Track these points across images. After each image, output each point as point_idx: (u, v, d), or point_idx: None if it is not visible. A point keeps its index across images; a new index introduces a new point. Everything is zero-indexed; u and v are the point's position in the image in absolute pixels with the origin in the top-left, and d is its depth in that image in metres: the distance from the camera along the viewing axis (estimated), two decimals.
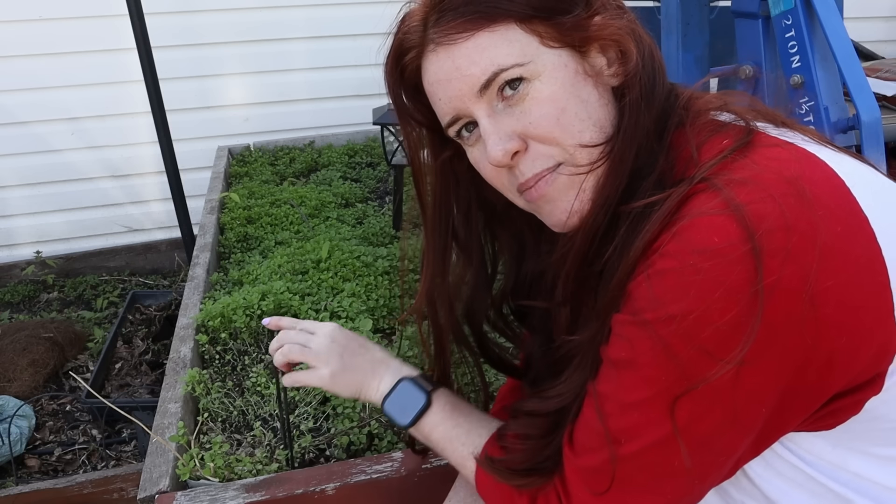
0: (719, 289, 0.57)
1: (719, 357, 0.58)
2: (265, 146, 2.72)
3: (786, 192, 0.58)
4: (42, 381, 2.42)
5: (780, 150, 0.64)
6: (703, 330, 0.58)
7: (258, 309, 1.48)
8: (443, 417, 0.87)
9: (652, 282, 0.61)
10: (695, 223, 0.59)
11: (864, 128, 1.43)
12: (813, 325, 0.57)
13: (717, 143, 0.66)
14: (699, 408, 0.61)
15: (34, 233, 3.17)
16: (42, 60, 2.92)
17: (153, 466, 1.13)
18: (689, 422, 0.62)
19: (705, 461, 0.64)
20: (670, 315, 0.59)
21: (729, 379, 0.59)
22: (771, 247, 0.56)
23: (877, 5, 3.67)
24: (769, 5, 1.51)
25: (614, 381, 0.66)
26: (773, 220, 0.57)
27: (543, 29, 0.67)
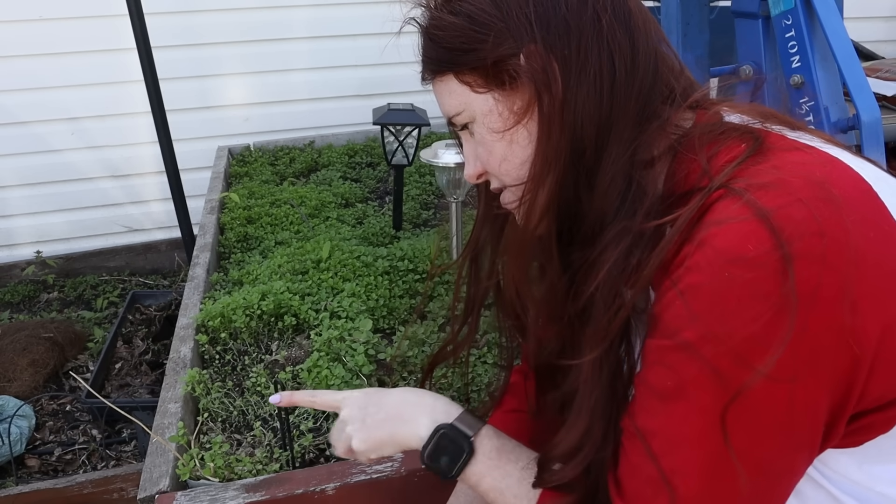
0: (761, 301, 0.54)
1: (771, 374, 0.55)
2: (265, 146, 2.72)
3: (815, 195, 0.56)
4: (42, 381, 2.42)
5: (803, 154, 0.63)
6: (751, 346, 0.55)
7: (258, 309, 1.48)
8: (489, 467, 0.78)
9: (686, 298, 0.58)
10: (721, 231, 0.57)
11: (864, 128, 1.43)
12: (853, 333, 0.55)
13: (731, 148, 0.64)
14: (756, 430, 0.58)
15: (34, 233, 3.17)
16: (42, 60, 2.92)
17: (153, 466, 1.13)
18: (747, 447, 0.59)
19: (765, 486, 0.61)
20: (714, 334, 0.56)
21: (783, 396, 0.57)
22: (806, 252, 0.54)
23: (877, 5, 3.67)
24: (769, 5, 1.51)
25: (661, 416, 0.62)
26: (806, 226, 0.55)
27: (472, 77, 0.71)
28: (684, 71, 0.73)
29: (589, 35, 0.66)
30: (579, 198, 0.70)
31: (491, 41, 0.68)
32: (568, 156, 0.68)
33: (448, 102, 0.74)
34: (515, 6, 0.67)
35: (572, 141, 0.67)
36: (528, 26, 0.67)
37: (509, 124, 0.70)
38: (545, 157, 0.69)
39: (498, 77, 0.69)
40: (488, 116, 0.71)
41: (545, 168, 0.69)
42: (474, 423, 0.79)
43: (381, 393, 0.84)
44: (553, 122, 0.67)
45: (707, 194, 0.61)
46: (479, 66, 0.70)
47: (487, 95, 0.70)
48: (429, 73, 0.75)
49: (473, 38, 0.69)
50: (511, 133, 0.71)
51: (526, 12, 0.67)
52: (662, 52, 0.71)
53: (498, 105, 0.70)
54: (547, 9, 0.67)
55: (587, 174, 0.69)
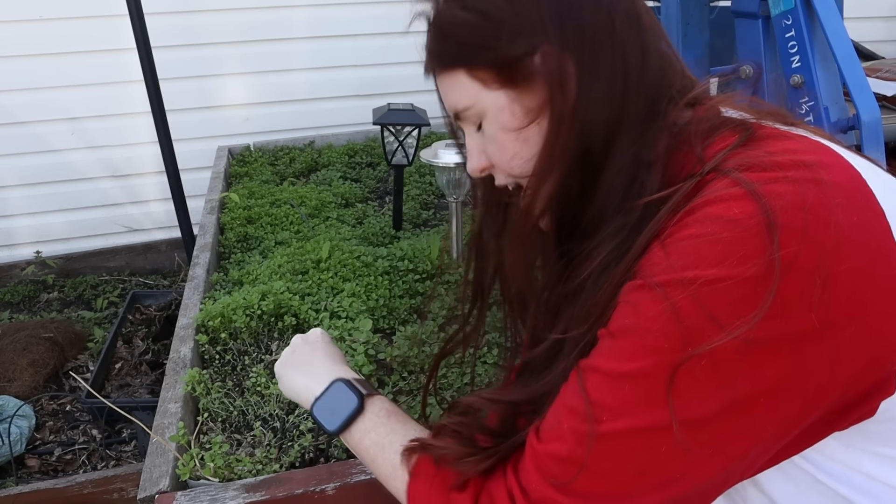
0: (736, 257, 0.55)
1: (728, 327, 0.55)
2: (265, 146, 2.72)
3: (803, 175, 0.57)
4: (42, 381, 2.42)
5: (794, 142, 0.64)
6: (716, 296, 0.55)
7: (258, 309, 1.48)
8: (376, 423, 0.81)
9: (667, 248, 0.59)
10: (711, 199, 0.59)
11: (864, 128, 1.43)
12: (823, 309, 0.55)
13: (725, 138, 0.65)
14: (701, 387, 0.56)
15: (34, 233, 3.17)
16: (42, 60, 2.92)
17: (153, 466, 1.13)
18: (691, 410, 0.57)
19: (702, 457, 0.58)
20: (684, 279, 0.56)
21: (735, 356, 0.55)
22: (788, 223, 0.55)
23: (877, 5, 3.67)
24: (769, 5, 1.51)
25: (607, 353, 0.62)
26: (789, 199, 0.56)
27: (485, 74, 0.71)
28: (685, 70, 0.74)
29: (603, 36, 0.67)
30: (582, 194, 0.70)
31: (505, 39, 0.68)
32: (575, 154, 0.69)
33: (457, 97, 0.74)
34: (529, 4, 0.67)
35: (581, 140, 0.68)
36: (543, 26, 0.67)
37: (523, 122, 0.70)
38: (551, 154, 0.69)
39: (512, 75, 0.69)
40: (501, 114, 0.71)
41: (550, 164, 0.70)
42: (370, 388, 0.86)
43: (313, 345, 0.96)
44: (563, 121, 0.68)
45: (699, 177, 0.62)
46: (493, 64, 0.70)
47: (500, 93, 0.71)
48: (437, 67, 0.75)
49: (488, 35, 0.68)
50: (524, 131, 0.71)
51: (540, 11, 0.67)
52: (666, 53, 0.71)
53: (511, 103, 0.70)
54: (561, 8, 0.67)
55: (593, 172, 0.69)
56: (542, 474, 0.64)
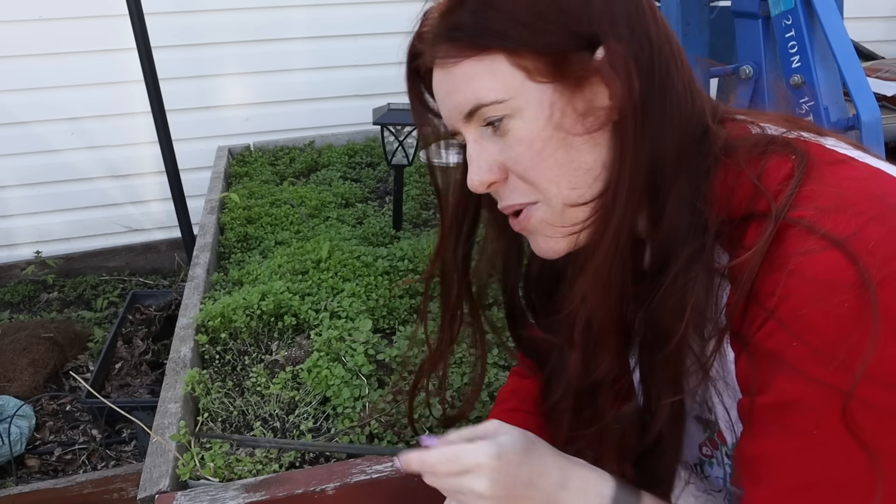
0: (874, 320, 0.53)
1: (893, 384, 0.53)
2: (265, 146, 2.72)
3: (883, 211, 0.56)
4: (42, 381, 2.42)
5: (850, 168, 0.61)
6: (880, 365, 0.53)
7: (258, 309, 1.48)
8: None
9: (805, 337, 0.55)
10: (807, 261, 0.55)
11: (864, 128, 1.43)
12: None
13: (780, 165, 0.61)
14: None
15: (34, 233, 3.17)
16: (42, 60, 2.92)
17: (153, 466, 1.13)
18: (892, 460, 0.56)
19: None
20: (843, 363, 0.54)
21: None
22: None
23: (877, 5, 3.67)
24: (769, 5, 1.51)
25: (813, 467, 0.57)
26: (890, 245, 0.54)
27: (533, 63, 0.61)
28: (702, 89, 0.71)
29: (664, 50, 0.63)
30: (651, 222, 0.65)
31: (568, 25, 0.60)
32: (646, 174, 0.62)
33: (485, 88, 0.63)
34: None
35: (651, 157, 0.62)
36: (613, 21, 0.60)
37: (573, 127, 0.62)
38: (621, 172, 0.62)
39: (566, 69, 0.61)
40: (543, 112, 0.62)
41: (621, 183, 0.62)
42: (631, 499, 0.70)
43: (527, 475, 0.68)
44: (630, 134, 0.61)
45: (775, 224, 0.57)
46: (547, 52, 0.60)
47: (548, 87, 0.62)
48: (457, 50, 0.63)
49: (549, 16, 0.60)
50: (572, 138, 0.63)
51: (610, 6, 0.61)
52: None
53: (561, 101, 0.62)
54: (629, 10, 0.62)
55: (660, 195, 0.63)
56: None
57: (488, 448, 0.67)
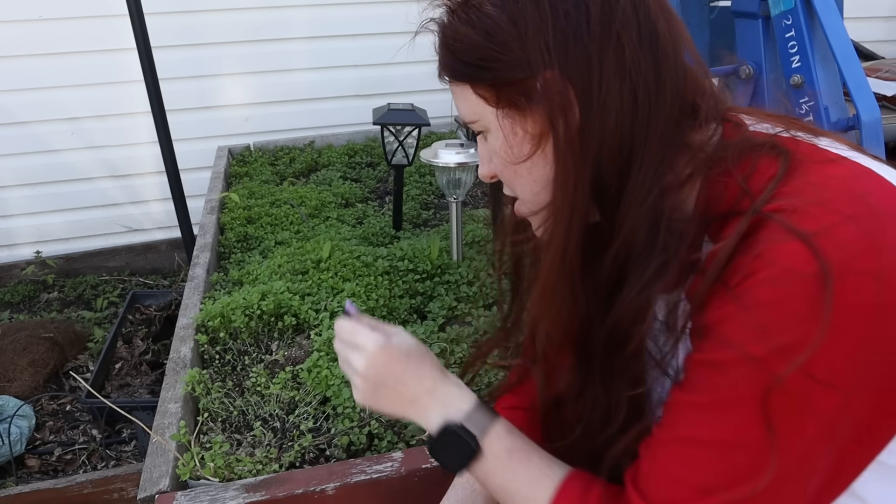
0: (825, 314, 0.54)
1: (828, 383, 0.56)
2: (265, 146, 2.72)
3: (860, 211, 0.57)
4: (42, 381, 2.42)
5: (838, 167, 0.62)
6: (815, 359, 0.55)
7: (258, 309, 1.48)
8: (497, 467, 0.76)
9: (749, 311, 0.58)
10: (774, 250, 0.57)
11: (864, 128, 1.43)
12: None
13: (768, 166, 0.63)
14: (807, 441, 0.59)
15: (34, 233, 3.17)
16: (42, 60, 2.92)
17: (153, 466, 1.13)
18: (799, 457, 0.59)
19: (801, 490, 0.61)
20: (778, 347, 0.56)
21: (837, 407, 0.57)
22: (864, 270, 0.55)
23: (877, 5, 3.67)
24: (769, 5, 1.51)
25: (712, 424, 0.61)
26: (857, 243, 0.55)
27: (485, 92, 0.70)
28: (712, 87, 0.71)
29: (611, 66, 0.64)
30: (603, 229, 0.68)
31: (506, 61, 0.66)
32: (588, 186, 0.66)
33: (464, 108, 0.74)
34: (534, 29, 0.65)
35: (593, 171, 0.66)
36: (547, 52, 0.64)
37: (523, 146, 0.70)
38: (564, 186, 0.67)
39: (513, 98, 0.68)
40: (501, 132, 0.71)
41: (564, 196, 0.67)
42: (485, 421, 0.77)
43: (401, 371, 0.80)
44: (570, 152, 0.66)
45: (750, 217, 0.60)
46: (493, 84, 0.69)
47: (502, 112, 0.70)
48: (446, 77, 0.75)
49: (490, 55, 0.67)
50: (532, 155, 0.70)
51: (545, 37, 0.64)
52: (691, 71, 0.69)
53: (513, 124, 0.70)
54: (567, 35, 0.64)
55: (609, 205, 0.67)
56: None
57: (378, 339, 0.81)
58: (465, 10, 0.69)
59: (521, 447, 0.77)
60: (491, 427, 0.77)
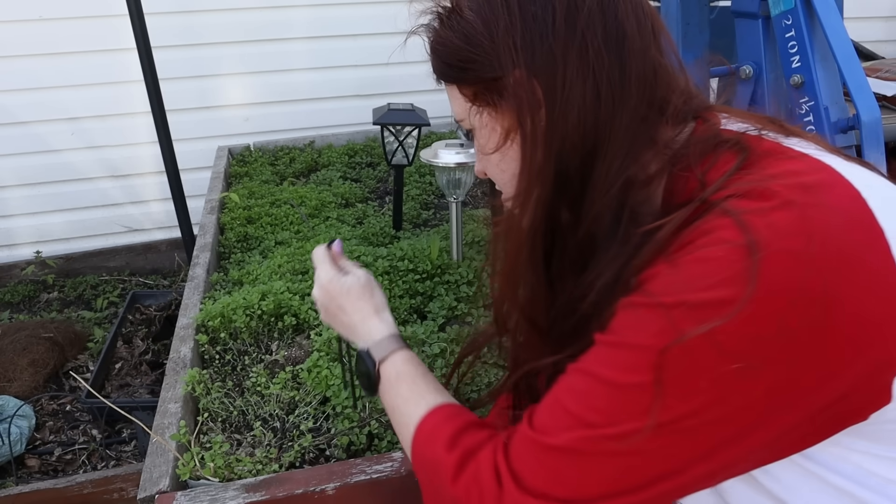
0: (745, 281, 0.56)
1: (730, 354, 0.57)
2: (265, 146, 2.72)
3: (805, 200, 0.58)
4: (42, 381, 2.43)
5: (796, 162, 0.65)
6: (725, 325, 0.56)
7: (258, 309, 1.48)
8: (387, 388, 0.88)
9: (677, 266, 0.60)
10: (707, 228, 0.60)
11: (864, 128, 1.43)
12: (821, 330, 0.56)
13: (727, 160, 0.66)
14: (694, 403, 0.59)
15: (34, 233, 3.17)
16: (42, 60, 2.92)
17: (153, 466, 1.13)
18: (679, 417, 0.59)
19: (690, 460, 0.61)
20: (689, 301, 0.58)
21: (733, 376, 0.57)
22: (789, 250, 0.56)
23: (877, 5, 3.67)
24: (769, 5, 1.51)
25: (609, 360, 0.63)
26: (791, 226, 0.57)
27: (467, 92, 0.76)
28: (686, 83, 0.74)
29: (574, 64, 0.68)
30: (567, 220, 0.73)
31: (481, 62, 0.72)
32: (551, 180, 0.71)
33: (454, 107, 0.80)
34: (503, 30, 0.69)
35: (557, 166, 0.70)
36: (514, 52, 0.69)
37: (499, 141, 0.75)
38: (529, 179, 0.72)
39: (487, 96, 0.74)
40: (482, 129, 0.77)
41: (529, 188, 0.72)
42: (386, 349, 0.90)
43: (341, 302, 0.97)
44: (536, 146, 0.70)
45: (696, 204, 0.63)
46: (472, 84, 0.75)
47: (480, 110, 0.76)
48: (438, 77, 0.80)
49: (468, 57, 0.73)
50: (502, 149, 0.75)
51: (513, 37, 0.69)
52: (663, 69, 0.71)
53: (490, 121, 0.75)
54: (533, 36, 0.68)
55: (573, 198, 0.71)
56: (531, 460, 0.65)
57: (328, 274, 0.99)
58: (449, 15, 0.75)
59: (410, 373, 0.87)
60: (390, 355, 0.90)
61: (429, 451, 0.75)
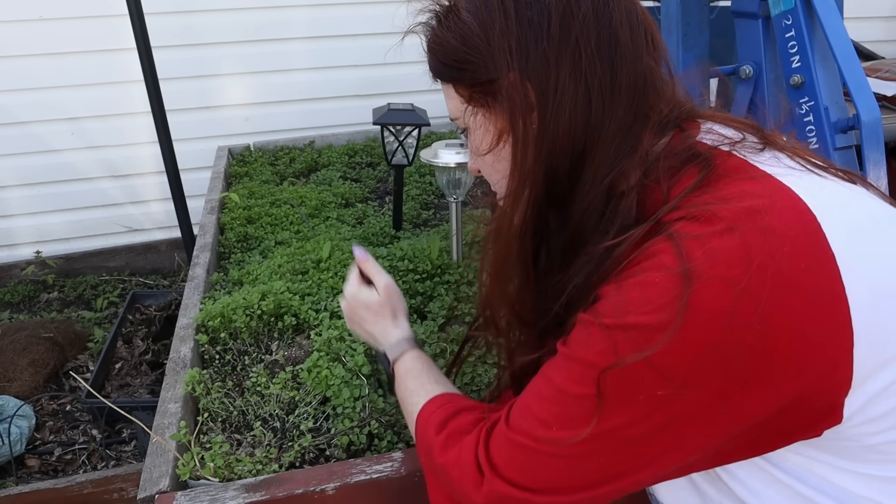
0: (677, 309, 0.58)
1: (664, 375, 0.60)
2: (265, 146, 2.72)
3: (749, 225, 0.60)
4: (42, 381, 2.43)
5: (753, 183, 0.66)
6: (653, 345, 0.59)
7: (258, 309, 1.48)
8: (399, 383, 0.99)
9: (621, 289, 0.64)
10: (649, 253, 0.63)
11: (864, 128, 1.43)
12: (756, 353, 0.58)
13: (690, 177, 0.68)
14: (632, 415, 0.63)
15: (34, 233, 3.17)
16: (42, 60, 2.92)
17: (153, 466, 1.13)
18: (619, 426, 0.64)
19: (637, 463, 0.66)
20: (627, 324, 0.61)
21: (669, 395, 0.61)
22: (725, 277, 0.58)
23: (877, 5, 3.67)
24: (769, 5, 1.51)
25: (564, 371, 0.68)
26: (730, 253, 0.58)
27: (463, 92, 0.77)
28: (674, 91, 0.75)
29: (567, 68, 0.69)
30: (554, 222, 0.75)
31: (476, 64, 0.73)
32: (541, 182, 0.73)
33: (449, 106, 0.81)
34: (499, 34, 0.70)
35: (546, 168, 0.72)
36: (509, 55, 0.70)
37: (491, 141, 0.76)
38: (520, 179, 0.74)
39: (482, 97, 0.75)
40: (475, 129, 0.79)
41: (519, 189, 0.74)
42: (399, 350, 1.02)
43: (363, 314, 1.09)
44: (527, 148, 0.72)
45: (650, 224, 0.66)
46: (467, 85, 0.76)
47: (476, 110, 0.77)
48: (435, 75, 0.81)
49: (464, 58, 0.74)
50: (494, 149, 0.77)
51: (508, 41, 0.70)
52: (653, 77, 0.72)
53: (484, 121, 0.77)
54: (528, 40, 0.69)
55: (561, 201, 0.74)
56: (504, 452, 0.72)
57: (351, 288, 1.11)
58: (447, 15, 0.76)
59: (416, 368, 0.98)
60: (401, 355, 1.02)
61: (424, 435, 0.85)
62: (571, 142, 0.70)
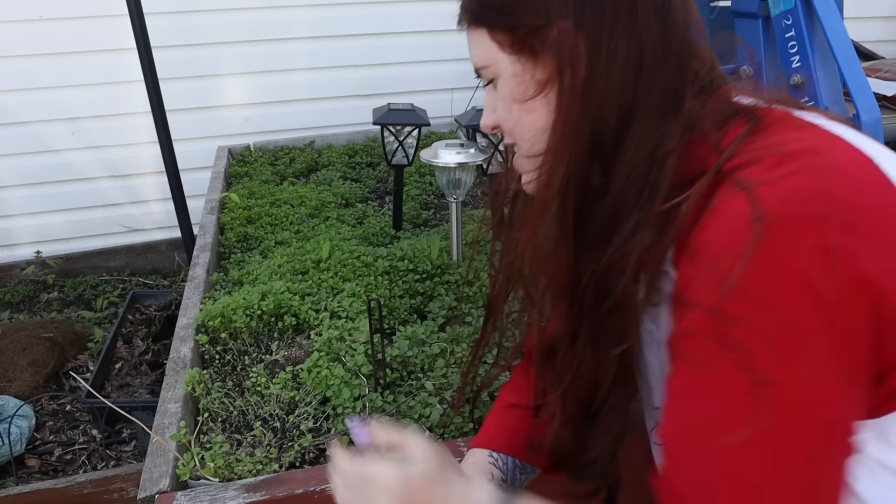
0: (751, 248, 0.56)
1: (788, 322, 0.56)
2: (265, 146, 2.72)
3: (818, 162, 0.59)
4: (42, 381, 2.43)
5: (805, 131, 0.65)
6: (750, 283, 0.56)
7: (258, 309, 1.48)
8: None
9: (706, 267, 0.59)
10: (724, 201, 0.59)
11: (864, 128, 1.43)
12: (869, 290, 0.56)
13: (738, 128, 0.66)
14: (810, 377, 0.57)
15: (34, 233, 3.17)
16: (42, 60, 2.92)
17: (153, 466, 1.13)
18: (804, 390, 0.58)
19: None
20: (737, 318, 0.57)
21: (802, 341, 0.57)
22: (811, 215, 0.56)
23: (877, 5, 3.67)
24: (769, 5, 1.51)
25: (709, 399, 0.61)
26: (809, 190, 0.57)
27: (502, 38, 0.72)
28: (714, 63, 0.74)
29: (622, 23, 0.67)
30: (597, 182, 0.71)
31: (525, 8, 0.69)
32: (587, 138, 0.69)
33: (477, 54, 0.76)
34: None
35: (593, 124, 0.69)
36: (564, 3, 0.68)
37: (529, 92, 0.72)
38: (563, 134, 0.70)
39: (526, 44, 0.71)
40: (512, 79, 0.73)
41: (563, 144, 0.70)
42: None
43: (430, 497, 0.71)
44: (573, 101, 0.69)
45: (711, 176, 0.62)
46: (510, 30, 0.71)
47: (514, 58, 0.72)
48: (465, 22, 0.77)
49: (510, 1, 0.70)
50: (531, 101, 0.72)
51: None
52: (697, 48, 0.72)
53: (522, 70, 0.72)
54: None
55: (605, 160, 0.70)
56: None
57: (397, 474, 0.70)
58: None
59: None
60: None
61: None
62: (620, 98, 0.68)
